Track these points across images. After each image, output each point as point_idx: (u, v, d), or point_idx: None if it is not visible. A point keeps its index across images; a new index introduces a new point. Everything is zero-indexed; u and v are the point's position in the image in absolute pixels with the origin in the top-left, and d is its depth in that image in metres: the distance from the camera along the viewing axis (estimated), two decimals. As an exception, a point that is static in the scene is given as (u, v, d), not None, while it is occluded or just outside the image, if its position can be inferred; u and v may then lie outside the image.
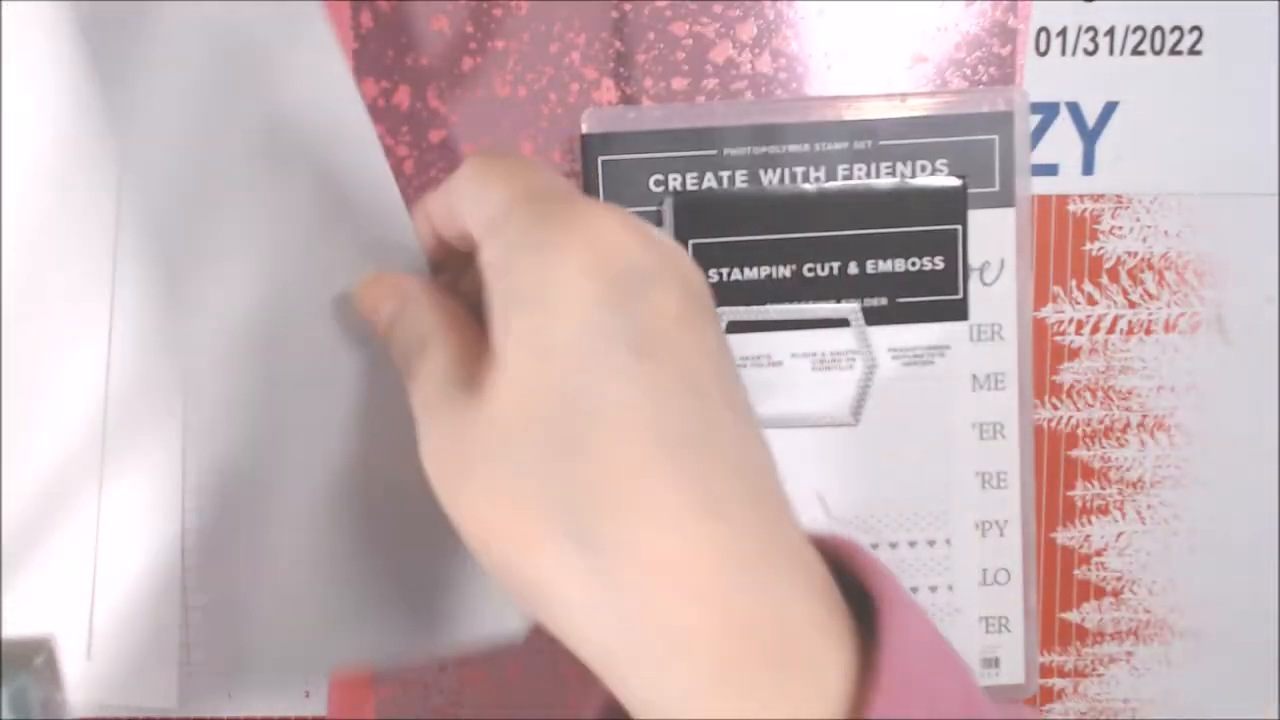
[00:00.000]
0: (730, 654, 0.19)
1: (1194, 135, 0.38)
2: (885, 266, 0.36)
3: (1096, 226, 0.38)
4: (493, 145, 0.37)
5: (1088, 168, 0.38)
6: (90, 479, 0.34)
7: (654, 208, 0.36)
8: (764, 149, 0.36)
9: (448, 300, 0.26)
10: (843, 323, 0.36)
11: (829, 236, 0.36)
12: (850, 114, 0.36)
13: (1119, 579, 0.40)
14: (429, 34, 0.37)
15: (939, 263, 0.36)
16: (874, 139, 0.36)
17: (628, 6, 0.37)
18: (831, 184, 0.36)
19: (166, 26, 0.33)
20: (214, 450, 0.33)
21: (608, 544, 0.20)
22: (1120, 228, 0.38)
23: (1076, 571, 0.40)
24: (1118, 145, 0.38)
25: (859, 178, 0.36)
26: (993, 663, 0.38)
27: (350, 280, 0.31)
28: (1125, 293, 0.39)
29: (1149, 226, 0.38)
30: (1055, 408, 0.39)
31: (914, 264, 0.36)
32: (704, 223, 0.36)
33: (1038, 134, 0.38)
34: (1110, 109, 0.38)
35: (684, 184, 0.36)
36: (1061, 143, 0.38)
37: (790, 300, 0.36)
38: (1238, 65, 0.37)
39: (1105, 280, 0.38)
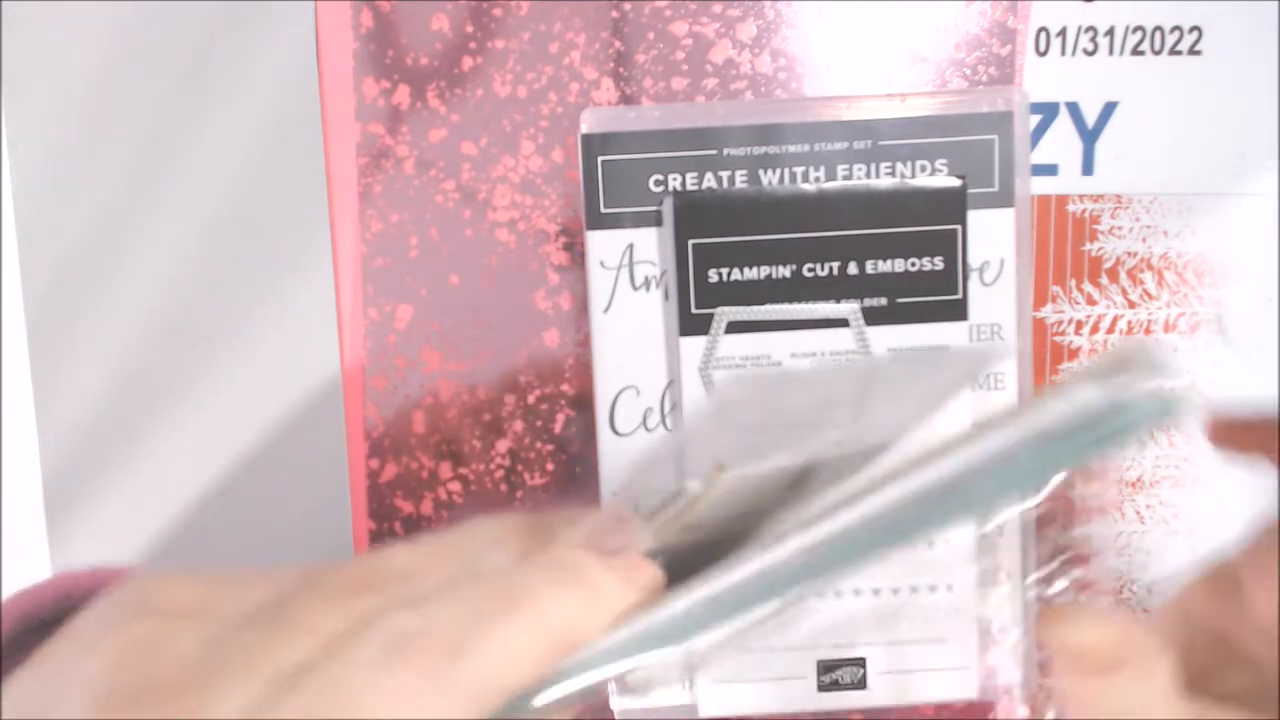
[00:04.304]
0: None
1: (1194, 135, 0.38)
2: (885, 266, 0.36)
3: (1096, 226, 0.38)
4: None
5: (1087, 168, 0.38)
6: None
7: (654, 208, 0.36)
8: (764, 149, 0.36)
9: None
10: (842, 323, 0.36)
11: (828, 236, 0.36)
12: (850, 114, 0.36)
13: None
14: (429, 34, 0.37)
15: (938, 263, 0.36)
16: (874, 139, 0.36)
17: (628, 6, 0.37)
18: (831, 184, 0.36)
19: None
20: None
21: None
22: (1120, 228, 0.38)
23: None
24: (1118, 145, 0.38)
25: (859, 178, 0.36)
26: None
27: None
28: (1125, 293, 0.39)
29: (1149, 226, 0.38)
30: (1055, 408, 0.39)
31: (913, 264, 0.36)
32: (704, 223, 0.36)
33: (1037, 134, 0.38)
34: (1110, 109, 0.38)
35: (684, 184, 0.36)
36: (1061, 143, 0.38)
37: (790, 300, 0.36)
38: (1238, 65, 0.37)
39: (1105, 280, 0.38)
